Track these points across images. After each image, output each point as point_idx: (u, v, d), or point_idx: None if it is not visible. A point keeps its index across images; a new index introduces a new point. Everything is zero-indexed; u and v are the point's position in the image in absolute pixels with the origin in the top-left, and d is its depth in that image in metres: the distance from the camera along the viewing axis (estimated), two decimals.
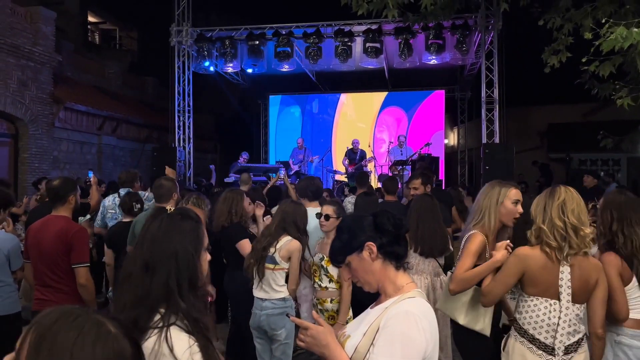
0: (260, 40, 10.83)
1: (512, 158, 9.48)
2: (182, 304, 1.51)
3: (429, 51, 10.18)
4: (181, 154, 11.29)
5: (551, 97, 16.55)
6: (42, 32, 11.29)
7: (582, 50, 5.97)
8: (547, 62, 7.09)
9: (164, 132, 12.72)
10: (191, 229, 1.61)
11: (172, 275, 1.51)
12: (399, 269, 1.74)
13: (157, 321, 1.48)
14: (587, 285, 2.48)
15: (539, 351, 2.47)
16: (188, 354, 1.44)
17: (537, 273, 2.49)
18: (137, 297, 1.51)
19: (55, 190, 3.52)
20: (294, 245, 3.62)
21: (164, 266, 1.52)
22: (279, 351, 3.59)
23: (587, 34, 5.41)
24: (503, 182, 2.99)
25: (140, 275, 1.53)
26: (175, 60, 11.36)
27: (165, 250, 1.54)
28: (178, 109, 11.54)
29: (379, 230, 1.72)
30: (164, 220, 1.61)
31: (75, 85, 13.72)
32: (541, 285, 2.49)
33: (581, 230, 2.47)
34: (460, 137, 16.90)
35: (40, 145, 11.38)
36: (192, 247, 1.58)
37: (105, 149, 13.93)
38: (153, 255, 1.54)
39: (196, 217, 1.68)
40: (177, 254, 1.54)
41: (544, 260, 2.49)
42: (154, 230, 1.60)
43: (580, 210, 2.50)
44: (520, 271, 2.53)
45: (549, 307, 2.47)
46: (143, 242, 1.60)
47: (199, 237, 1.63)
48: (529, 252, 2.54)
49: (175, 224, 1.60)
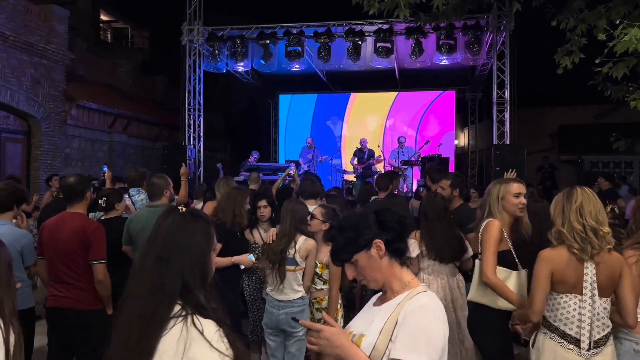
0: (271, 39, 10.84)
1: (523, 159, 9.41)
2: (200, 295, 1.54)
3: (440, 51, 10.13)
4: (191, 152, 11.34)
5: (562, 99, 16.43)
6: (56, 30, 11.39)
7: (595, 52, 5.93)
8: (560, 63, 7.02)
9: (175, 131, 12.78)
10: (203, 227, 1.64)
11: (186, 268, 1.54)
12: (403, 265, 1.76)
13: (179, 310, 1.50)
14: (612, 279, 2.58)
15: (570, 345, 2.55)
16: (218, 335, 1.47)
17: (563, 271, 2.59)
18: (153, 286, 1.52)
19: (72, 187, 3.55)
20: (311, 244, 3.68)
21: (178, 258, 1.54)
22: (295, 347, 3.62)
23: (600, 35, 5.37)
24: (504, 180, 3.24)
25: (154, 267, 1.55)
26: (187, 59, 11.41)
27: (179, 244, 1.57)
28: (188, 107, 11.59)
29: (384, 227, 1.72)
30: (177, 217, 1.64)
31: (87, 83, 13.83)
32: (569, 283, 2.58)
33: (600, 230, 2.56)
34: (470, 138, 16.82)
35: (53, 142, 11.49)
36: (204, 244, 1.61)
37: (117, 147, 14.04)
38: (167, 248, 1.56)
39: (207, 217, 1.72)
40: (190, 249, 1.57)
41: (567, 258, 2.58)
42: (168, 225, 1.62)
43: (597, 211, 2.59)
44: (549, 272, 2.62)
45: (578, 303, 2.56)
46: (156, 237, 1.61)
47: (209, 235, 1.66)
48: (552, 253, 2.63)
49: (188, 221, 1.63)
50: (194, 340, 1.45)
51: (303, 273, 3.71)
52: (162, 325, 1.47)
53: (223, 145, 19.89)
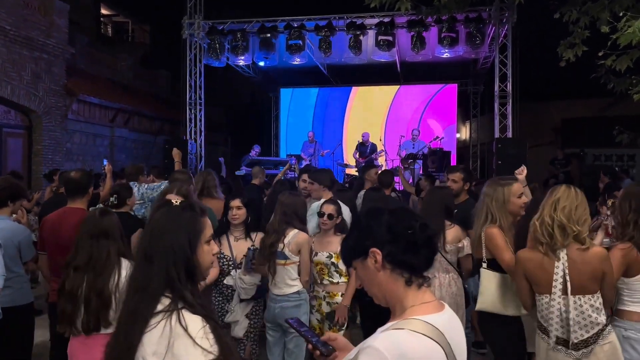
0: (272, 33, 10.79)
1: (525, 153, 9.37)
2: (186, 291, 1.55)
3: (442, 44, 10.08)
4: (192, 146, 11.31)
5: (565, 92, 16.35)
6: (56, 24, 11.36)
7: (598, 44, 5.88)
8: (563, 56, 6.98)
9: (176, 125, 12.77)
10: (189, 221, 1.62)
11: (170, 265, 1.55)
12: (410, 285, 1.36)
13: (165, 307, 1.51)
14: (591, 275, 2.56)
15: (558, 346, 2.59)
16: (202, 332, 1.47)
17: (535, 272, 2.64)
18: (139, 286, 1.55)
19: (75, 182, 3.54)
20: (302, 238, 3.61)
21: (162, 257, 1.55)
22: (293, 343, 3.60)
23: (604, 27, 5.32)
24: (502, 181, 3.12)
25: (142, 265, 1.58)
26: (187, 53, 11.37)
27: (161, 242, 1.57)
28: (189, 101, 11.56)
29: (391, 232, 1.37)
30: (163, 212, 1.64)
31: (88, 78, 13.80)
32: (543, 282, 2.62)
33: (568, 227, 2.56)
34: (472, 131, 16.76)
35: (54, 137, 11.47)
36: (186, 240, 1.59)
37: (118, 141, 14.02)
38: (152, 246, 1.58)
39: (200, 209, 1.68)
40: (173, 246, 1.57)
41: (539, 258, 2.61)
42: (154, 221, 1.64)
43: (572, 209, 2.58)
44: (522, 273, 2.70)
45: (560, 303, 2.57)
46: (145, 234, 1.65)
47: (196, 229, 1.63)
48: (525, 254, 2.70)
49: (174, 216, 1.62)
50: (178, 337, 1.46)
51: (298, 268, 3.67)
52: (145, 322, 1.49)
53: (224, 139, 19.87)
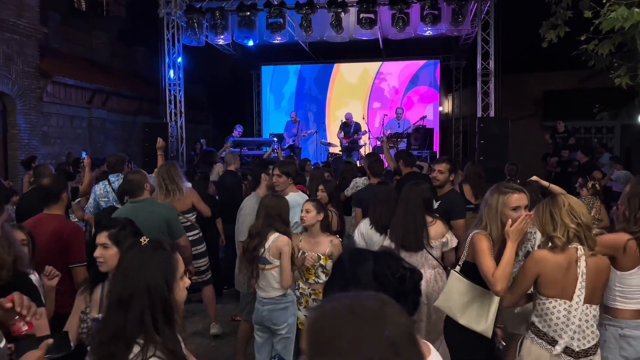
0: (251, 11, 10.52)
1: (507, 132, 9.41)
2: (159, 337, 1.53)
3: (424, 22, 9.94)
4: (173, 129, 11.11)
5: (547, 64, 16.33)
6: (26, 3, 10.95)
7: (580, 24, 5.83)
8: (545, 37, 6.94)
9: (156, 104, 12.48)
10: (163, 261, 1.61)
11: (146, 309, 1.52)
12: None
13: (137, 354, 1.50)
14: (599, 285, 2.57)
15: (565, 356, 2.53)
16: None
17: (553, 275, 2.55)
18: (114, 333, 1.53)
19: (47, 190, 3.45)
20: (282, 241, 3.54)
21: (137, 301, 1.52)
22: (280, 344, 3.61)
23: (587, 12, 5.28)
24: (503, 188, 2.86)
25: (116, 310, 1.55)
26: (165, 32, 11.06)
27: (137, 285, 1.54)
28: (169, 82, 11.31)
29: (378, 280, 1.37)
30: (136, 253, 1.61)
31: (63, 58, 13.40)
32: (557, 288, 2.55)
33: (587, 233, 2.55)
34: (455, 106, 16.75)
35: (29, 120, 11.19)
36: (163, 280, 1.57)
37: (96, 123, 13.72)
38: (126, 290, 1.54)
39: (169, 246, 1.67)
40: (149, 288, 1.54)
41: (559, 262, 2.54)
42: (127, 264, 1.60)
43: (584, 213, 2.60)
44: (535, 274, 2.59)
45: (569, 309, 2.52)
46: (117, 275, 1.61)
47: (171, 268, 1.62)
48: (544, 255, 2.59)
49: (147, 256, 1.60)
50: None
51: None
52: None
53: (206, 116, 19.60)
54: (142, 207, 4.02)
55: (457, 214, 4.46)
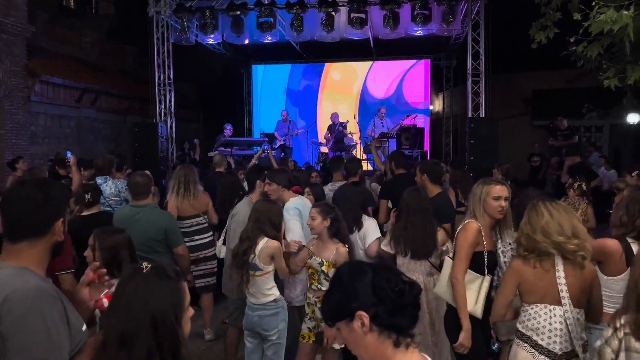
0: (241, 10, 10.46)
1: (498, 133, 9.45)
2: None
3: (415, 22, 9.96)
4: (163, 129, 11.02)
5: (537, 64, 16.42)
6: (14, 1, 10.82)
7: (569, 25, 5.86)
8: (535, 38, 6.98)
9: (145, 103, 12.39)
10: (171, 291, 1.43)
11: (154, 349, 1.34)
12: (398, 346, 1.38)
13: None
14: (583, 289, 2.58)
15: (541, 356, 2.55)
16: None
17: (531, 282, 2.60)
18: None
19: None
20: (272, 246, 3.51)
21: (142, 339, 1.34)
22: (271, 350, 3.59)
23: (576, 15, 5.31)
24: (488, 180, 3.18)
25: (116, 350, 1.35)
26: (154, 31, 10.97)
27: (142, 320, 1.36)
28: (158, 82, 11.23)
29: (377, 294, 1.36)
30: (140, 282, 1.42)
31: (51, 57, 13.25)
32: (538, 293, 2.59)
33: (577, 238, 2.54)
34: (445, 105, 16.79)
35: (17, 120, 11.06)
36: (172, 313, 1.40)
37: (85, 122, 13.59)
38: (129, 326, 1.35)
39: (175, 274, 1.50)
40: (156, 323, 1.36)
41: (536, 269, 2.58)
42: (129, 294, 1.41)
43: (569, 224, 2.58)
44: (515, 282, 2.65)
45: (549, 313, 2.56)
46: (117, 307, 1.41)
47: (179, 297, 1.45)
48: (519, 264, 2.65)
49: (153, 286, 1.41)
50: None
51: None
52: None
53: (196, 115, 19.49)
54: (142, 214, 4.04)
55: (445, 217, 4.49)
